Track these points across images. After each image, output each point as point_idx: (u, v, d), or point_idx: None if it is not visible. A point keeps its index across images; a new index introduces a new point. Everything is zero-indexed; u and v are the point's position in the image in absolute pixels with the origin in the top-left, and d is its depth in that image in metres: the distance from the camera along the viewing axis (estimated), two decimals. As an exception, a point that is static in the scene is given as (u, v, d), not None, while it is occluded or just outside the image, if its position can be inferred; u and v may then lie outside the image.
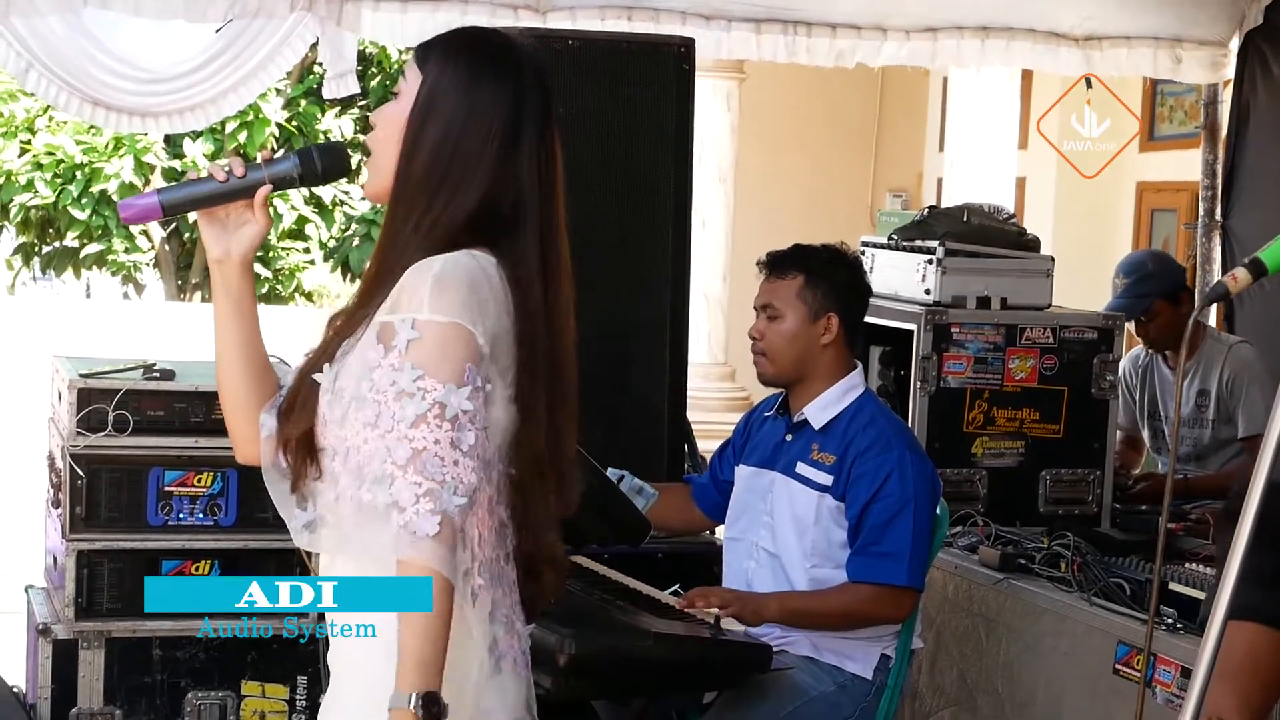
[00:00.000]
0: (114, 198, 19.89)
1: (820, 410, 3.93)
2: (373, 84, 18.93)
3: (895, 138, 13.75)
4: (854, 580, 3.81)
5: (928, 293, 4.86)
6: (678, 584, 3.98)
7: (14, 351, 16.33)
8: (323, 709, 2.46)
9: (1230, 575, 2.10)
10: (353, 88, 5.85)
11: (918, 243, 4.98)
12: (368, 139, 2.42)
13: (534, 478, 2.34)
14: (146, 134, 18.49)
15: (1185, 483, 5.21)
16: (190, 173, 2.44)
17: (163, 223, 23.39)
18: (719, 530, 4.29)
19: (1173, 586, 3.93)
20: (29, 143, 21.29)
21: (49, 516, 4.94)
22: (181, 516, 4.65)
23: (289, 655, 4.69)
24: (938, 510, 3.91)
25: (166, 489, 4.64)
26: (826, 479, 3.86)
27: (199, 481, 4.65)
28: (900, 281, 4.99)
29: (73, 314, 21.87)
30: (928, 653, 4.48)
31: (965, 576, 4.46)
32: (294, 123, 20.34)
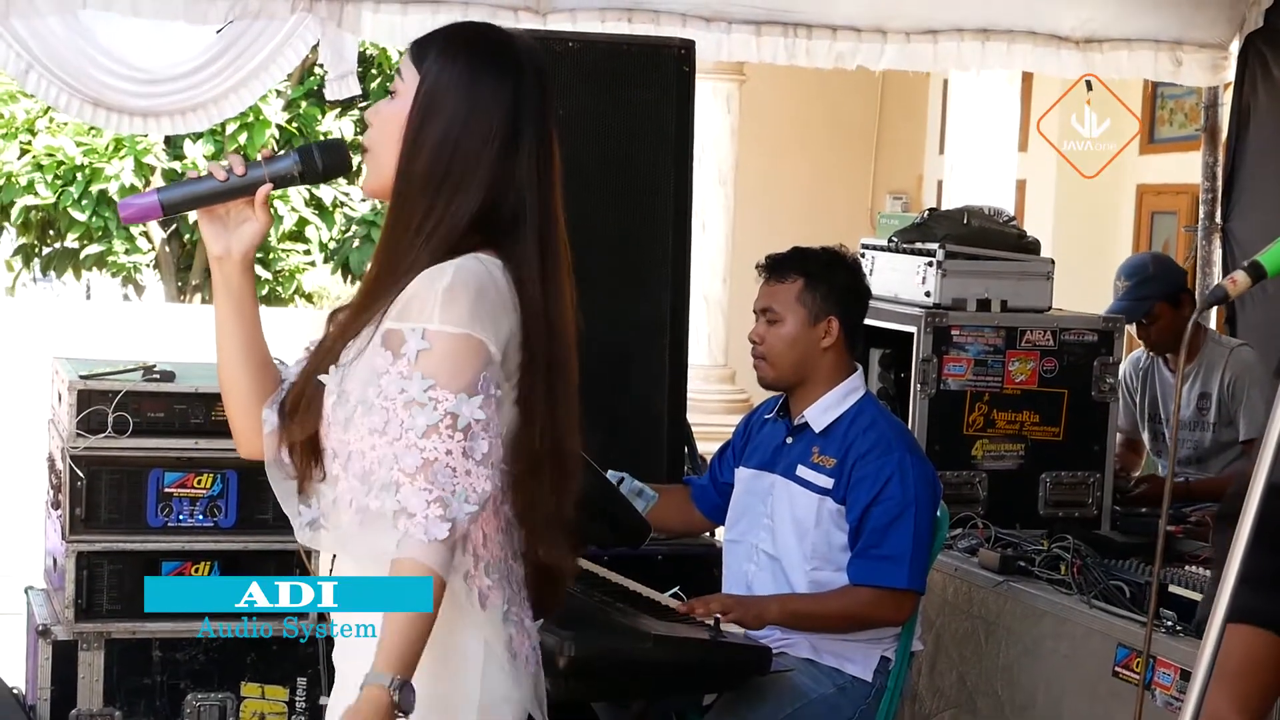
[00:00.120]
0: (114, 199, 19.88)
1: (821, 413, 3.92)
2: (373, 85, 18.91)
3: (895, 140, 13.74)
4: (854, 583, 3.81)
5: (928, 295, 4.86)
6: (677, 586, 3.98)
7: (14, 353, 16.33)
8: (329, 709, 2.46)
9: (1230, 577, 2.10)
10: (354, 89, 5.84)
11: (918, 245, 4.97)
12: (365, 138, 2.41)
13: (536, 477, 2.34)
14: (147, 135, 18.48)
15: (1186, 486, 5.21)
16: (189, 172, 2.44)
17: (163, 224, 23.43)
18: (719, 532, 4.29)
19: (1172, 589, 3.94)
20: (29, 144, 21.29)
21: (49, 518, 4.94)
22: (181, 518, 4.65)
23: (289, 657, 4.69)
24: (938, 513, 3.91)
25: (166, 490, 4.64)
26: (827, 482, 3.85)
27: (199, 483, 4.65)
28: (900, 284, 4.99)
29: (73, 315, 21.86)
30: (927, 655, 4.48)
31: (965, 579, 4.46)
32: (294, 124, 20.34)
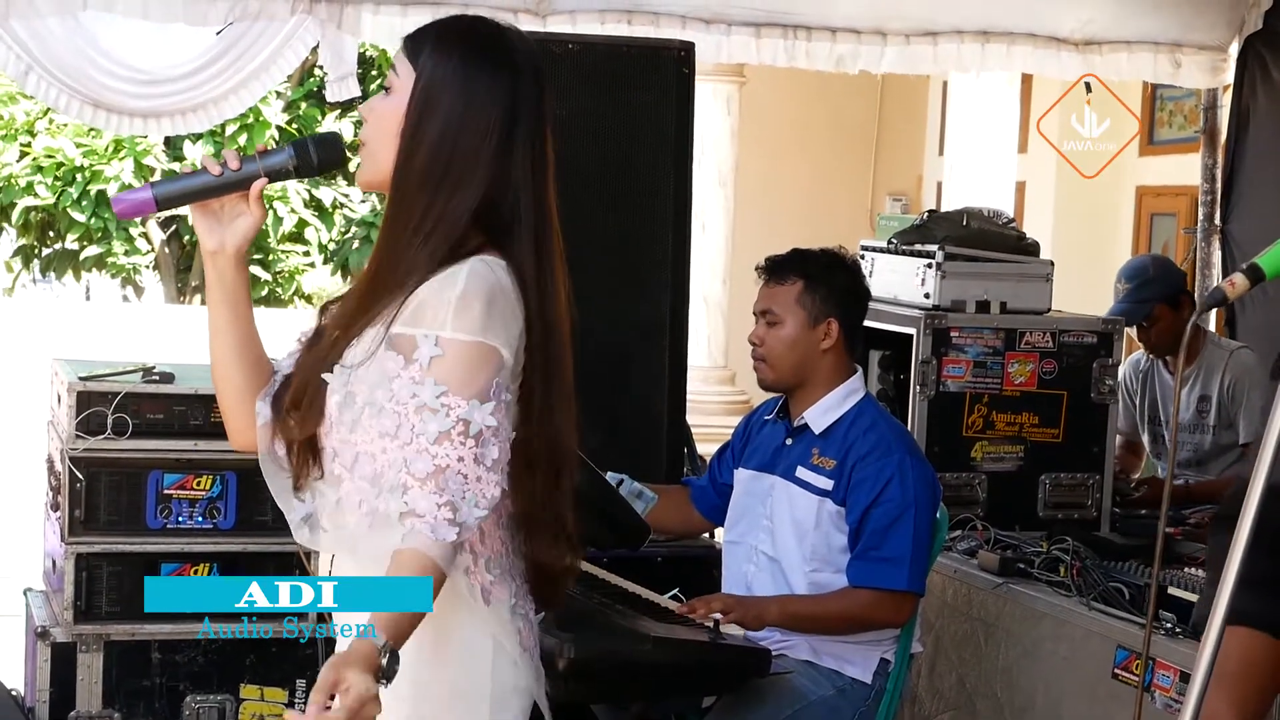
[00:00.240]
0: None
1: (821, 415, 3.92)
2: (373, 87, 18.94)
3: (895, 141, 13.74)
4: (854, 585, 3.81)
5: (927, 297, 4.86)
6: (677, 588, 3.98)
7: (13, 354, 16.34)
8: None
9: (1229, 579, 2.10)
10: (353, 91, 5.84)
11: (917, 246, 4.97)
12: (360, 133, 2.40)
13: (532, 474, 2.34)
14: (146, 136, 18.49)
15: (1186, 489, 5.20)
16: (183, 166, 2.43)
17: (162, 225, 23.43)
18: (718, 534, 4.29)
19: (1172, 591, 3.93)
20: (29, 145, 21.31)
21: (48, 519, 4.94)
22: (180, 519, 4.65)
23: (288, 658, 4.69)
24: (937, 515, 3.91)
25: (166, 492, 4.64)
26: (827, 483, 3.85)
27: (198, 484, 4.65)
28: (900, 285, 4.99)
29: (72, 316, 21.87)
30: (927, 657, 4.48)
31: (964, 581, 4.46)
32: (294, 125, 20.36)
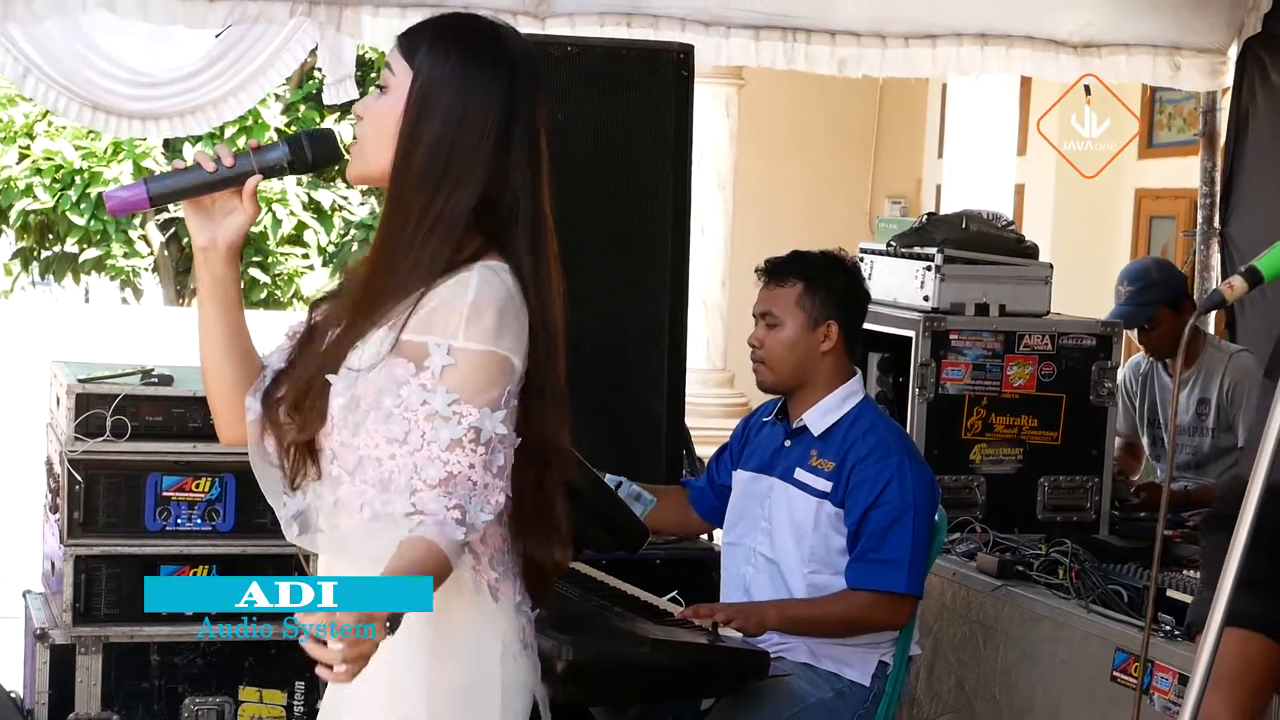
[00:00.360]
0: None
1: (820, 417, 3.92)
2: (372, 89, 18.94)
3: (894, 144, 13.75)
4: (853, 587, 3.81)
5: (926, 299, 4.86)
6: (676, 590, 3.98)
7: (12, 356, 16.34)
8: (324, 711, 2.45)
9: (1227, 581, 2.10)
10: (352, 93, 5.83)
11: (916, 249, 4.97)
12: (355, 131, 2.40)
13: (525, 471, 2.35)
14: (145, 139, 18.49)
15: (1185, 494, 5.20)
16: (176, 162, 2.42)
17: (161, 228, 23.41)
18: (717, 535, 4.29)
19: (1170, 593, 3.93)
20: (28, 148, 21.32)
21: (47, 521, 4.94)
22: (179, 522, 4.65)
23: (287, 661, 4.69)
24: (936, 517, 3.91)
25: (164, 494, 4.64)
26: (825, 485, 3.85)
27: (197, 487, 4.65)
28: (899, 288, 4.99)
29: (71, 319, 21.87)
30: (925, 659, 4.48)
31: (963, 583, 4.46)
32: (293, 127, 20.36)
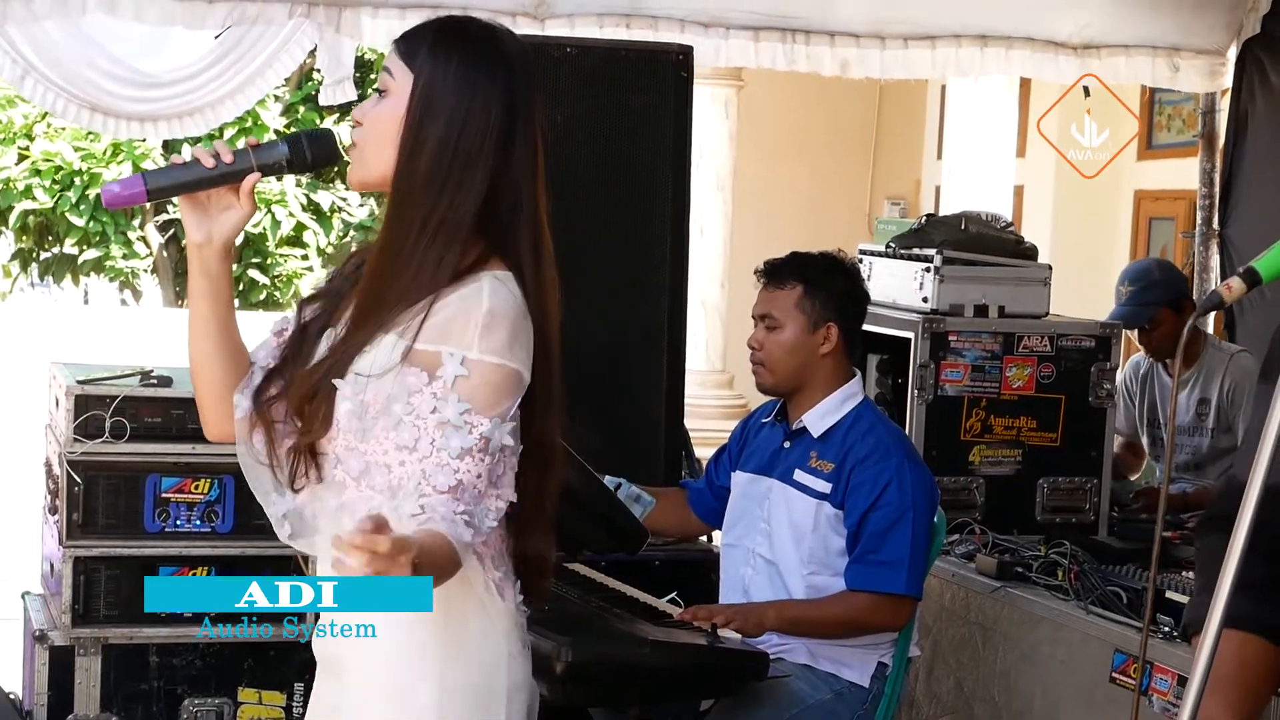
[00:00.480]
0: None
1: (819, 418, 3.92)
2: (371, 89, 18.95)
3: (893, 145, 13.76)
4: (852, 588, 3.81)
5: (925, 301, 4.86)
6: (675, 591, 3.98)
7: (11, 358, 16.33)
8: (320, 707, 2.45)
9: (1226, 583, 2.10)
10: (350, 94, 5.83)
11: (915, 251, 4.97)
12: (355, 135, 2.40)
13: (528, 470, 2.35)
14: (144, 140, 18.50)
15: (1184, 498, 5.20)
16: (175, 157, 2.42)
17: (160, 229, 23.40)
18: (716, 537, 4.29)
19: (1169, 595, 3.93)
20: (27, 149, 21.32)
21: (46, 523, 4.93)
22: (178, 523, 4.65)
23: (286, 662, 4.69)
24: (935, 518, 3.91)
25: (163, 495, 4.64)
26: (825, 486, 3.85)
27: (196, 488, 4.65)
28: (898, 289, 4.99)
29: (70, 320, 21.87)
30: (925, 661, 4.47)
31: (962, 585, 4.46)
32: (292, 129, 20.36)
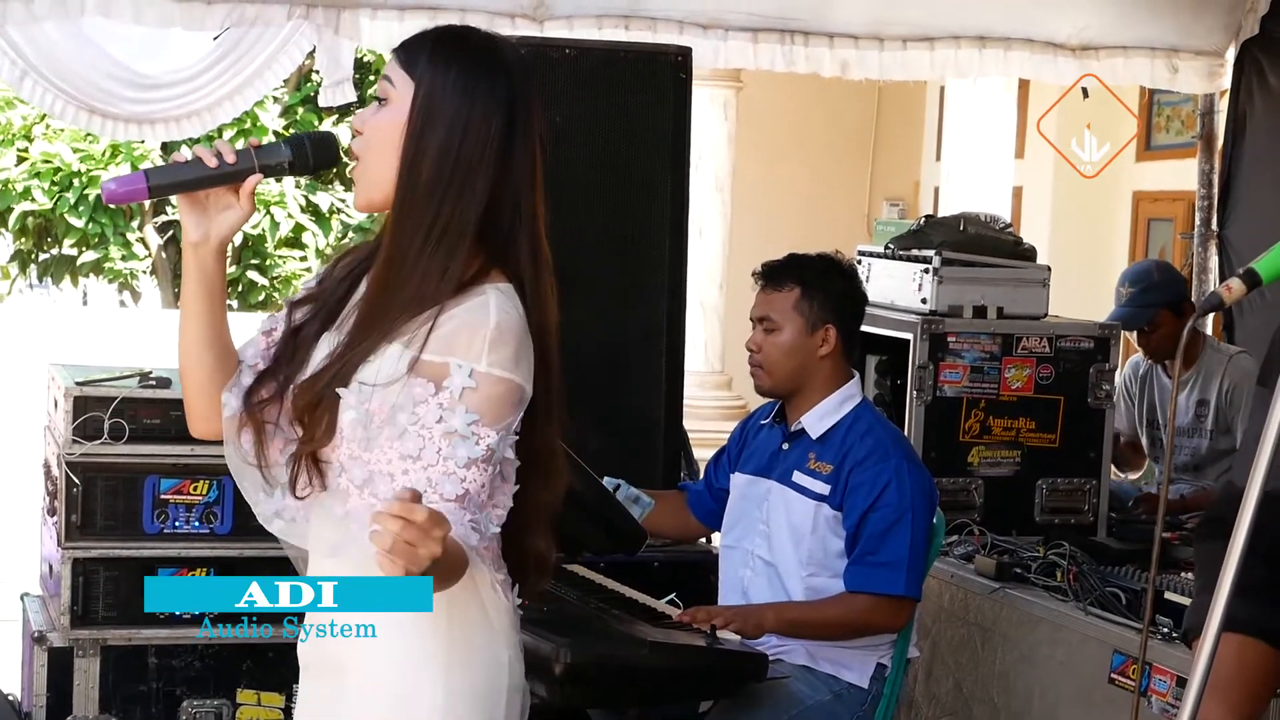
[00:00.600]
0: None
1: (818, 420, 3.92)
2: (369, 92, 18.94)
3: (892, 146, 13.76)
4: (851, 590, 3.81)
5: (924, 302, 4.86)
6: (674, 593, 3.98)
7: (10, 359, 16.33)
8: (313, 710, 2.44)
9: (1225, 585, 2.10)
10: (349, 96, 5.83)
11: (914, 252, 4.98)
12: (355, 145, 2.39)
13: (530, 472, 2.36)
14: (143, 141, 18.49)
15: (1182, 501, 5.20)
16: (175, 156, 2.42)
17: (159, 230, 23.40)
18: (715, 538, 4.29)
19: (1168, 596, 3.93)
20: (26, 150, 21.31)
21: (45, 524, 4.93)
22: (177, 524, 4.64)
23: (285, 663, 4.68)
24: (934, 519, 3.91)
25: (162, 497, 4.63)
26: (824, 488, 3.85)
27: (195, 489, 4.65)
28: (897, 291, 4.99)
29: (69, 321, 21.88)
30: (924, 662, 4.48)
31: (961, 585, 4.46)
32: (291, 130, 20.35)
